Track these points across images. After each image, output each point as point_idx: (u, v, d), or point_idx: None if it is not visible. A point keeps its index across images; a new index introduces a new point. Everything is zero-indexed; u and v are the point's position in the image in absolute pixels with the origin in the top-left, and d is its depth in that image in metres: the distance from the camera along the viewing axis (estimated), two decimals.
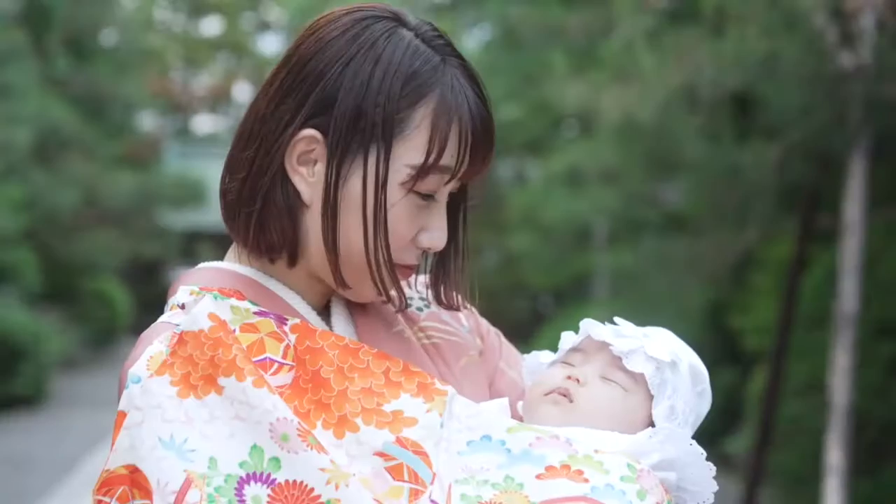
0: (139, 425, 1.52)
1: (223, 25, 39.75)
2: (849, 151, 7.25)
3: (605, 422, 1.74)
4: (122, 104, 22.36)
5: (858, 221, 7.26)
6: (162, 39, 33.23)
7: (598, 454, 1.61)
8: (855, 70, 6.95)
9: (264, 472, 1.49)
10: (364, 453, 1.55)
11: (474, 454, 1.60)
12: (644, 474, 1.61)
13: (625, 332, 1.84)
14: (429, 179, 1.67)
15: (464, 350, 1.90)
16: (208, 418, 1.52)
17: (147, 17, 29.05)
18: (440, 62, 1.70)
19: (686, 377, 1.82)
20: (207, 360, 1.55)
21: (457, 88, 1.69)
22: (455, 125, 1.67)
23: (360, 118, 1.64)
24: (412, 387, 1.62)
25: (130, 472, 1.51)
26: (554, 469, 1.57)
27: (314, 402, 1.58)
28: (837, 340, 7.27)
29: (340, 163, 1.66)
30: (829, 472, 7.21)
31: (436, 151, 1.65)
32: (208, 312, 1.59)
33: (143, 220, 23.87)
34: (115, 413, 1.58)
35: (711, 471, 1.72)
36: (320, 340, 1.63)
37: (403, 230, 1.69)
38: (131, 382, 1.57)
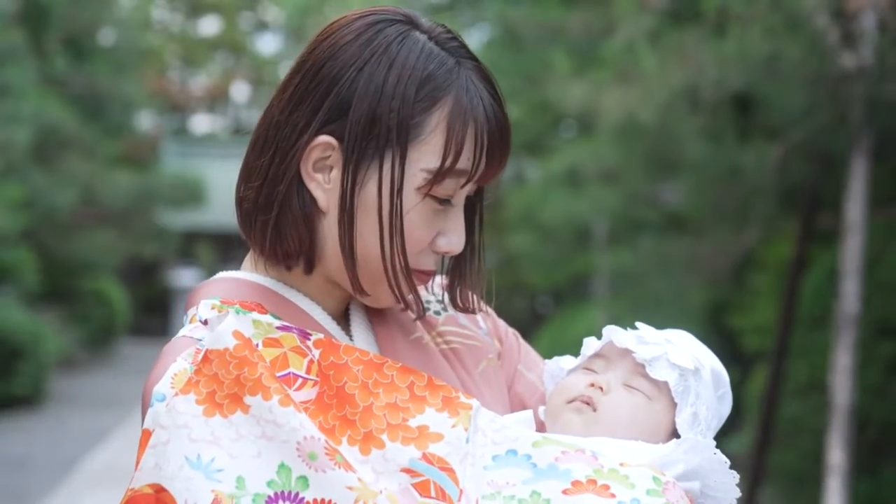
0: (165, 444, 1.51)
1: (221, 25, 39.75)
2: (850, 152, 7.25)
3: (628, 430, 1.73)
4: (120, 104, 22.32)
5: (860, 222, 7.26)
6: (160, 39, 33.21)
7: (623, 468, 1.60)
8: (856, 70, 6.95)
9: (292, 490, 1.48)
10: (391, 470, 1.54)
11: (500, 469, 1.59)
12: (670, 487, 1.60)
13: (647, 338, 1.82)
14: (445, 184, 1.66)
15: (482, 354, 1.90)
16: (235, 437, 1.51)
17: (145, 17, 29.02)
18: (455, 65, 1.69)
19: (708, 382, 1.81)
20: (233, 379, 1.54)
21: (472, 91, 1.68)
22: (471, 128, 1.66)
23: (376, 123, 1.64)
24: (437, 401, 1.61)
25: (156, 492, 1.50)
26: (580, 484, 1.57)
27: (339, 418, 1.58)
28: (839, 340, 7.27)
29: (356, 169, 1.65)
30: (830, 472, 7.21)
31: (452, 155, 1.64)
32: (233, 330, 1.57)
33: (142, 219, 23.83)
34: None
35: (735, 478, 1.72)
36: (344, 356, 1.62)
37: (420, 235, 1.68)
38: (156, 400, 1.56)
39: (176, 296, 30.69)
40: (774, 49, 6.78)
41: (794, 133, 7.55)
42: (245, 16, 40.31)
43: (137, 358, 24.67)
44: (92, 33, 21.95)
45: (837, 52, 6.96)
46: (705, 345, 1.90)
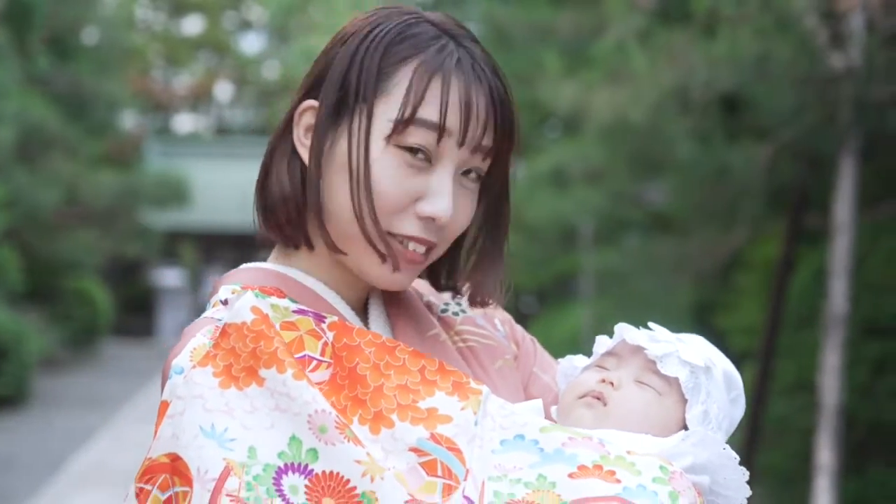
0: (181, 414, 1.54)
1: (204, 24, 39.70)
2: (838, 152, 7.28)
3: (639, 425, 1.74)
4: (103, 103, 22.27)
5: (848, 222, 7.29)
6: (143, 38, 33.15)
7: (630, 455, 1.61)
8: (845, 71, 6.98)
9: (302, 462, 1.51)
10: (399, 449, 1.57)
11: (507, 453, 1.61)
12: (677, 476, 1.60)
13: (659, 336, 1.83)
14: (411, 132, 1.66)
15: (499, 353, 1.91)
16: (249, 409, 1.54)
17: (128, 16, 28.95)
18: (440, 34, 1.72)
19: (720, 383, 1.82)
20: (249, 352, 1.57)
21: (450, 51, 1.70)
22: (437, 80, 1.67)
23: (346, 80, 1.69)
24: (447, 385, 1.63)
25: (171, 461, 1.53)
26: (586, 469, 1.58)
27: (351, 398, 1.60)
28: (827, 340, 7.30)
29: (328, 125, 1.70)
30: (819, 472, 7.24)
31: (412, 102, 1.66)
32: (251, 306, 1.61)
33: (125, 219, 23.79)
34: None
35: (745, 475, 1.72)
36: (357, 338, 1.64)
37: (390, 188, 1.67)
38: (174, 373, 1.60)
39: (159, 295, 30.64)
40: (764, 50, 6.80)
41: (782, 133, 7.58)
42: (228, 15, 40.28)
43: (120, 358, 24.63)
44: (75, 32, 21.89)
45: (826, 53, 6.99)
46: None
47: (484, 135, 1.71)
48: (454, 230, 1.76)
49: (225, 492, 1.48)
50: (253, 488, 1.49)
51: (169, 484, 1.54)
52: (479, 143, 1.71)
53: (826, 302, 7.49)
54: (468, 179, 1.74)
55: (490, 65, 1.74)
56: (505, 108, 1.73)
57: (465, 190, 1.74)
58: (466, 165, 1.73)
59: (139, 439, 13.88)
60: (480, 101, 1.70)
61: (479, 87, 1.70)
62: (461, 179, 1.73)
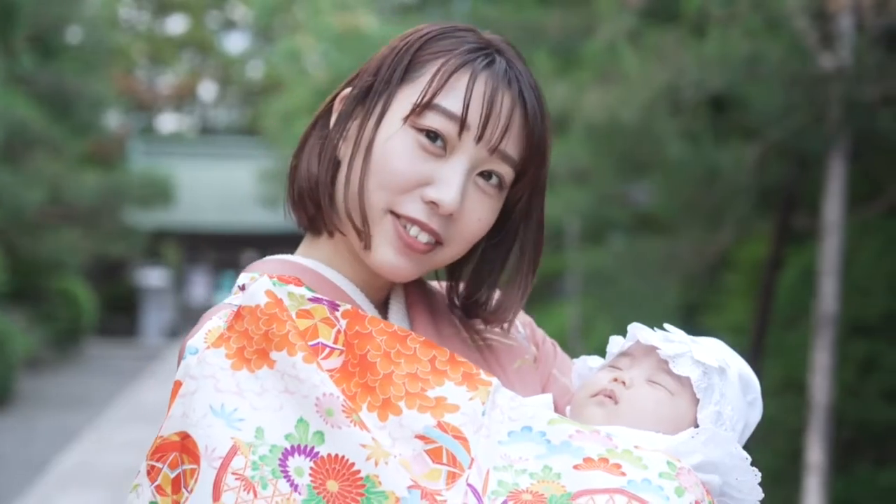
0: (192, 394, 1.57)
1: (188, 24, 39.61)
2: (827, 152, 7.29)
3: (650, 424, 1.74)
4: (87, 102, 22.19)
5: (838, 222, 7.31)
6: (127, 38, 33.06)
7: (637, 450, 1.62)
8: (835, 71, 7.00)
9: (308, 444, 1.53)
10: (405, 436, 1.58)
11: (514, 444, 1.63)
12: (684, 472, 1.61)
13: (673, 337, 1.84)
14: (429, 116, 1.69)
15: (518, 354, 1.93)
16: (259, 391, 1.57)
17: (112, 15, 28.88)
18: (486, 45, 1.75)
19: (735, 384, 1.82)
20: (262, 335, 1.60)
21: (486, 55, 1.73)
22: (465, 74, 1.70)
23: (380, 68, 1.76)
24: (457, 376, 1.65)
25: (181, 439, 1.56)
26: (591, 461, 1.59)
27: (361, 385, 1.62)
28: (817, 340, 7.31)
29: (353, 108, 1.77)
30: (808, 471, 7.25)
31: (433, 88, 1.69)
32: (266, 290, 1.63)
33: (109, 219, 23.74)
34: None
35: (756, 476, 1.72)
36: (369, 326, 1.66)
37: (400, 165, 1.69)
38: (188, 354, 1.62)
39: (143, 295, 30.56)
40: (755, 50, 6.81)
41: (771, 133, 7.59)
42: (212, 14, 40.21)
43: (104, 358, 24.56)
44: (59, 31, 21.82)
45: (817, 53, 7.00)
46: None
47: (504, 138, 1.71)
48: (466, 229, 1.75)
49: (231, 470, 1.51)
50: (259, 468, 1.51)
51: (178, 462, 1.56)
52: (498, 146, 1.71)
53: (815, 301, 7.51)
54: (487, 183, 1.74)
55: (528, 80, 1.75)
56: (536, 122, 1.74)
57: (482, 193, 1.74)
58: (484, 166, 1.73)
59: (124, 439, 13.85)
60: (505, 103, 1.71)
61: (506, 91, 1.71)
62: (477, 179, 1.74)
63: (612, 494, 1.54)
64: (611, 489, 1.54)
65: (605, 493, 1.54)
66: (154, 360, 24.57)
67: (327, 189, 1.77)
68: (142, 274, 31.05)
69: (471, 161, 1.71)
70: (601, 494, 1.54)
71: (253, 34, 39.10)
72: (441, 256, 1.77)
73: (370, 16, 17.95)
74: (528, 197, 1.82)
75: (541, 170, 1.78)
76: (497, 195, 1.76)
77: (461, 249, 1.78)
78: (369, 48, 16.91)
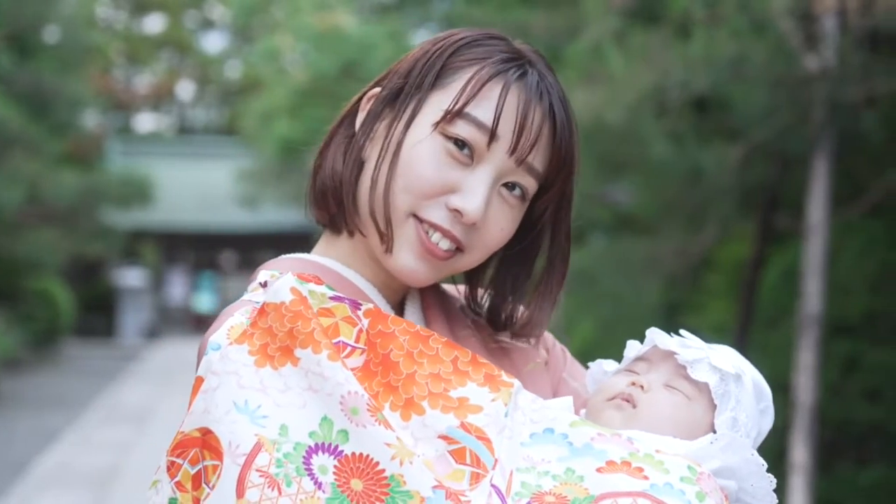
0: (215, 390, 1.56)
1: (166, 23, 39.48)
2: (811, 152, 7.33)
3: (667, 429, 1.75)
4: (65, 102, 22.11)
5: (821, 222, 7.34)
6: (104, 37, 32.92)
7: (658, 454, 1.63)
8: (819, 72, 7.03)
9: (332, 443, 1.52)
10: (428, 436, 1.58)
11: (536, 446, 1.63)
12: (704, 477, 1.61)
13: (690, 343, 1.85)
14: (459, 125, 1.68)
15: (530, 357, 1.93)
16: (283, 388, 1.56)
17: (89, 14, 28.76)
18: (518, 56, 1.74)
19: (750, 392, 1.83)
20: (286, 332, 1.59)
21: (518, 66, 1.72)
22: (497, 85, 1.69)
23: (411, 71, 1.75)
24: (479, 377, 1.64)
25: (203, 435, 1.55)
26: (614, 464, 1.59)
27: (383, 384, 1.61)
28: (801, 340, 7.35)
29: (382, 109, 1.76)
30: (793, 471, 7.28)
31: (465, 97, 1.68)
32: (290, 286, 1.62)
33: (87, 218, 23.64)
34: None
35: (772, 483, 1.73)
36: (392, 325, 1.65)
37: (426, 171, 1.69)
38: (210, 349, 1.61)
39: (121, 295, 30.46)
40: (740, 51, 6.84)
41: (755, 134, 7.62)
42: (190, 14, 40.09)
43: (82, 358, 24.47)
44: (36, 30, 21.70)
45: (801, 55, 7.04)
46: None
47: (532, 150, 1.71)
48: (488, 238, 1.75)
49: (255, 467, 1.49)
50: (283, 465, 1.50)
51: (199, 458, 1.55)
52: (525, 158, 1.71)
53: (800, 301, 7.55)
54: (511, 193, 1.74)
55: (558, 93, 1.75)
56: (564, 136, 1.74)
57: (505, 203, 1.74)
58: (510, 177, 1.73)
59: (103, 440, 13.80)
60: (536, 117, 1.70)
61: (538, 105, 1.71)
62: (501, 189, 1.73)
63: (635, 498, 1.54)
64: (634, 492, 1.55)
65: (629, 496, 1.54)
66: (132, 361, 24.49)
67: (351, 189, 1.77)
68: (120, 274, 30.93)
69: (497, 172, 1.71)
70: (624, 498, 1.54)
71: (231, 34, 39.01)
72: (461, 263, 1.77)
73: (349, 15, 17.94)
74: (555, 210, 1.81)
75: (568, 183, 1.78)
76: (520, 206, 1.76)
77: (481, 257, 1.78)
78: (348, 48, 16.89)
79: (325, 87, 16.72)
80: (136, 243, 30.69)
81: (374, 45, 16.14)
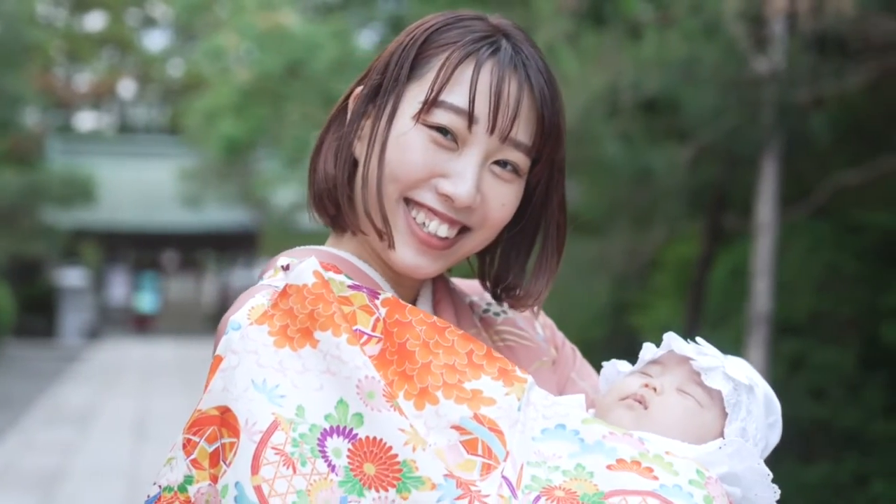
0: (234, 368, 1.58)
1: (107, 21, 39.12)
2: (760, 154, 7.41)
3: (676, 432, 1.76)
4: (5, 99, 21.85)
5: (770, 223, 7.42)
6: (44, 34, 32.55)
7: (668, 455, 1.64)
8: (768, 74, 7.11)
9: (347, 426, 1.55)
10: (441, 426, 1.59)
11: (548, 441, 1.64)
12: (712, 482, 1.63)
13: (706, 350, 1.87)
14: (437, 114, 1.69)
15: (536, 355, 1.94)
16: (301, 370, 1.58)
17: (30, 11, 28.42)
18: (493, 31, 1.73)
19: (761, 404, 1.84)
20: (307, 314, 1.61)
21: (492, 42, 1.71)
22: (469, 66, 1.69)
23: (388, 66, 1.75)
24: (493, 371, 1.66)
25: (221, 413, 1.57)
26: (624, 463, 1.61)
27: (398, 373, 1.63)
28: (750, 338, 7.43)
29: (364, 108, 1.77)
30: None
31: (438, 85, 1.69)
32: (313, 270, 1.64)
33: (27, 218, 23.39)
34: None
35: (776, 494, 1.75)
36: (409, 315, 1.67)
37: (414, 158, 1.70)
38: (231, 329, 1.62)
39: (61, 295, 30.14)
40: (691, 53, 6.90)
41: (705, 135, 7.69)
42: (132, 12, 39.76)
43: (23, 359, 24.18)
44: None
45: (751, 57, 7.12)
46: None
47: (513, 125, 1.70)
48: (492, 216, 1.75)
49: (271, 444, 1.51)
50: (298, 445, 1.52)
51: (217, 436, 1.57)
52: (508, 135, 1.71)
53: (749, 301, 7.63)
54: (504, 171, 1.74)
55: (537, 63, 1.73)
56: (546, 105, 1.72)
57: (500, 180, 1.74)
58: (498, 155, 1.73)
59: (47, 440, 13.66)
60: (512, 91, 1.69)
61: (513, 77, 1.70)
62: (493, 167, 1.73)
63: (644, 497, 1.56)
64: (643, 491, 1.57)
65: (638, 494, 1.56)
66: (74, 361, 24.24)
67: (345, 189, 1.78)
68: (60, 274, 30.59)
69: (483, 153, 1.71)
70: (634, 496, 1.56)
71: (173, 32, 38.74)
72: (469, 245, 1.78)
73: (293, 14, 17.86)
74: (547, 179, 1.81)
75: (557, 152, 1.77)
76: (517, 180, 1.76)
77: (489, 235, 1.78)
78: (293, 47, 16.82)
79: (270, 87, 16.63)
80: (77, 243, 30.36)
81: (318, 44, 16.08)
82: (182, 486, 1.59)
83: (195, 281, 39.62)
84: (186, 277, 39.34)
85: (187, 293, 39.45)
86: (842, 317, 9.15)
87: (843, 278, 9.10)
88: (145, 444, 13.48)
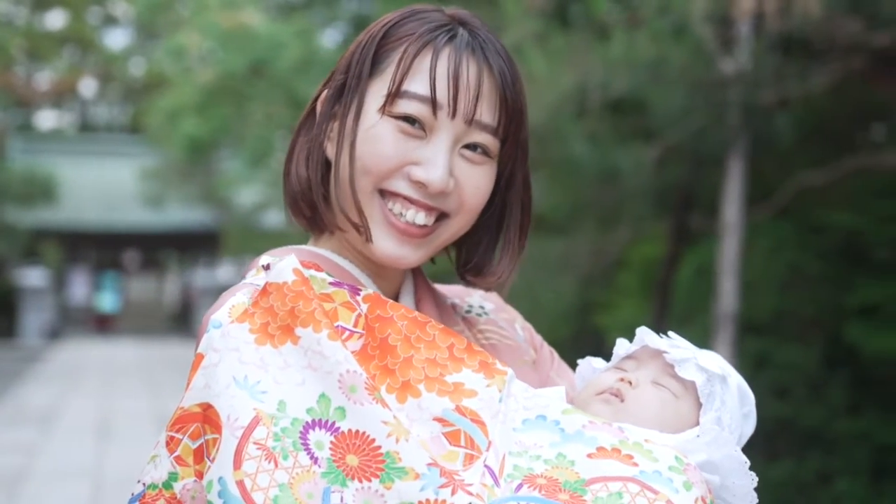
0: (215, 366, 1.60)
1: (68, 19, 38.87)
2: (726, 154, 7.46)
3: (653, 424, 1.79)
4: None
5: (736, 222, 7.48)
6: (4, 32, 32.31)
7: (647, 443, 1.68)
8: (735, 75, 7.17)
9: (329, 419, 1.56)
10: (423, 418, 1.61)
11: (529, 431, 1.67)
12: (691, 468, 1.67)
13: (678, 343, 1.90)
14: (402, 104, 1.72)
15: (518, 354, 1.98)
16: (282, 366, 1.60)
17: None
18: (450, 21, 1.77)
19: (734, 394, 1.87)
20: (287, 311, 1.63)
21: (448, 29, 1.75)
22: (427, 54, 1.72)
23: (350, 65, 1.79)
24: (474, 363, 1.68)
25: (203, 410, 1.59)
26: (605, 450, 1.64)
27: (380, 367, 1.65)
28: (717, 337, 7.48)
29: (330, 108, 1.80)
30: None
31: (399, 74, 1.71)
32: (293, 268, 1.66)
33: None
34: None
35: (753, 481, 1.77)
36: (391, 310, 1.69)
37: (385, 150, 1.72)
38: (212, 327, 1.64)
39: (22, 295, 29.92)
40: (659, 54, 6.95)
41: (671, 135, 7.74)
42: (93, 10, 39.51)
43: None
44: None
45: (717, 58, 7.17)
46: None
47: (476, 107, 1.73)
48: (467, 199, 1.77)
49: (252, 439, 1.53)
50: (280, 439, 1.54)
51: (200, 432, 1.59)
52: (473, 117, 1.73)
53: (714, 300, 7.68)
54: (475, 154, 1.76)
55: (495, 46, 1.76)
56: (507, 85, 1.75)
57: (471, 163, 1.76)
58: (466, 139, 1.75)
59: (9, 441, 13.57)
60: (471, 73, 1.72)
61: (471, 60, 1.72)
62: (463, 152, 1.75)
63: (625, 482, 1.59)
64: (624, 477, 1.60)
65: (619, 480, 1.59)
66: (35, 362, 24.08)
67: (320, 189, 1.80)
68: (21, 273, 30.37)
69: (451, 138, 1.73)
70: (614, 482, 1.59)
71: (135, 30, 38.54)
72: (449, 231, 1.80)
73: (257, 14, 17.81)
74: (513, 160, 1.84)
75: (520, 131, 1.80)
76: (488, 162, 1.78)
77: (468, 220, 1.81)
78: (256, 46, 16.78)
79: (233, 86, 16.58)
80: (38, 242, 30.14)
81: (282, 44, 16.04)
82: (167, 483, 1.61)
83: (157, 281, 39.48)
84: (148, 277, 39.19)
85: (149, 293, 39.30)
86: (805, 316, 9.24)
87: (807, 278, 9.19)
88: (108, 444, 13.42)
